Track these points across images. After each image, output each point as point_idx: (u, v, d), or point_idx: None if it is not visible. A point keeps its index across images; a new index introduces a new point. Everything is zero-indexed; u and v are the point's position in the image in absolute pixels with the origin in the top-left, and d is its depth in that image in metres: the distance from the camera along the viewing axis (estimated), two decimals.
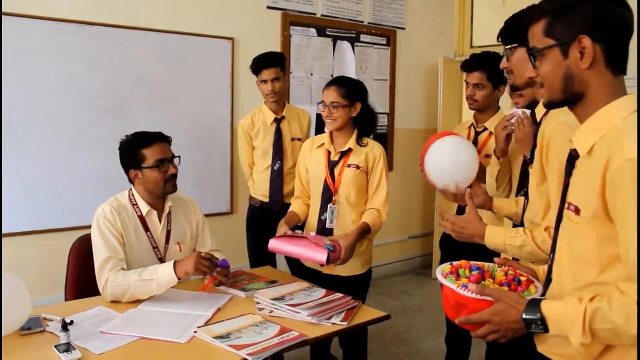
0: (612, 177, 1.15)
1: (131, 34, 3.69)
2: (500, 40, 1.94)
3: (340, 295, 2.26)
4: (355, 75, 4.87)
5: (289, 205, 3.02)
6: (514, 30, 1.84)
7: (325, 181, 2.68)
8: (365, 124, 2.72)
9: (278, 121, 3.44)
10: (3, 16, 3.24)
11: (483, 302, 1.36)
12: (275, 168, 3.39)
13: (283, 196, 3.43)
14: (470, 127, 3.01)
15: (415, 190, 5.52)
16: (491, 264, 1.59)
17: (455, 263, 1.59)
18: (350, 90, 2.63)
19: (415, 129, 5.42)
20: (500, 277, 1.51)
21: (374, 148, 2.70)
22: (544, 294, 1.40)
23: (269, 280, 2.52)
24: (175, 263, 2.22)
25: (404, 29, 5.22)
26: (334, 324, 2.06)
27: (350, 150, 2.67)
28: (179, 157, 2.46)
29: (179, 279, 2.20)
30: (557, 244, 1.33)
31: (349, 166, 2.65)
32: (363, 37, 4.94)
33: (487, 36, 5.22)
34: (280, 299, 2.18)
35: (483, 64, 2.86)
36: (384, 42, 5.10)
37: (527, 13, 1.76)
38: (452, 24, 5.66)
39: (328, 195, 2.67)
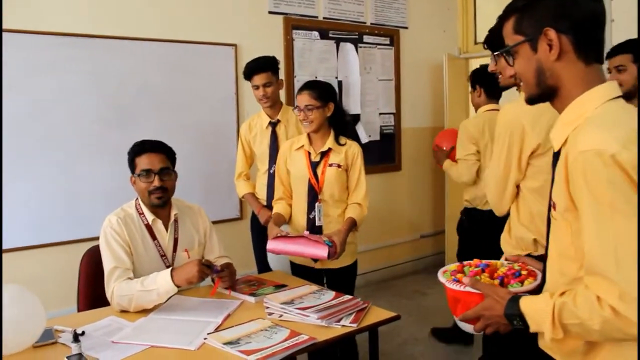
0: (570, 171, 1.16)
1: (132, 45, 3.72)
2: (485, 47, 2.10)
3: (349, 297, 2.27)
4: (359, 76, 4.88)
5: None
6: (498, 38, 1.89)
7: (309, 181, 2.79)
8: (339, 124, 2.85)
9: (273, 124, 3.45)
10: (9, 32, 3.28)
11: (472, 295, 1.39)
12: (272, 171, 3.37)
13: None
14: None
15: (425, 189, 5.51)
16: (502, 261, 1.62)
17: (465, 262, 1.62)
18: (322, 91, 2.76)
19: (422, 127, 5.42)
20: (501, 272, 1.52)
21: (352, 146, 2.83)
22: (540, 290, 1.40)
23: (278, 284, 2.52)
24: (172, 271, 2.22)
25: (406, 27, 5.22)
26: (343, 325, 2.06)
27: (329, 150, 2.80)
28: (173, 171, 2.46)
29: (177, 286, 2.20)
30: (549, 240, 1.33)
31: (330, 165, 2.78)
32: (366, 38, 4.94)
33: None
34: (290, 302, 2.18)
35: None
36: (387, 42, 5.10)
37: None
38: (455, 20, 5.65)
39: (313, 195, 2.78)
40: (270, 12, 4.35)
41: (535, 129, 1.97)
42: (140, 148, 2.43)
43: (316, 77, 4.56)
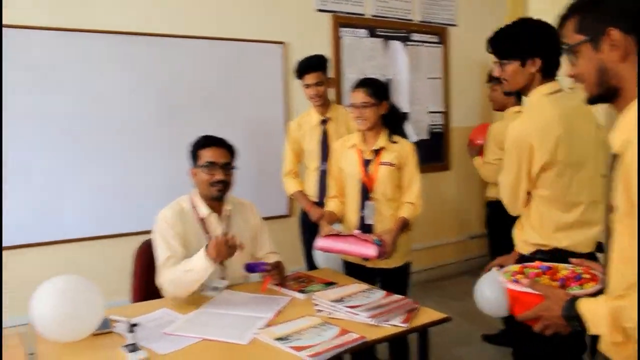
0: (626, 171, 1.14)
1: (184, 43, 3.78)
2: (491, 51, 2.13)
3: (400, 296, 2.25)
4: (407, 74, 4.83)
5: None
6: (503, 46, 2.09)
7: (362, 179, 2.78)
8: (393, 122, 2.83)
9: (323, 122, 3.46)
10: (65, 31, 3.38)
11: (531, 296, 1.42)
12: (322, 169, 3.39)
13: None
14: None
15: (473, 188, 5.41)
16: (564, 264, 1.62)
17: (527, 264, 1.66)
18: (377, 89, 2.75)
19: (471, 126, 5.28)
20: (562, 275, 1.51)
21: (405, 145, 2.80)
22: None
23: (327, 281, 2.53)
24: (205, 249, 2.25)
25: (455, 25, 5.15)
26: (393, 325, 2.04)
27: (382, 148, 2.77)
28: (233, 167, 2.50)
29: (212, 261, 2.23)
30: (610, 243, 1.31)
31: (383, 164, 2.75)
32: (414, 36, 4.90)
33: None
34: (339, 300, 2.18)
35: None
36: (436, 40, 5.04)
37: (511, 27, 2.10)
38: (505, 17, 5.54)
39: (365, 193, 2.78)
40: (318, 10, 4.35)
41: (543, 146, 1.94)
42: (207, 141, 2.49)
43: (365, 75, 4.52)
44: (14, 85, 3.26)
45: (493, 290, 2.35)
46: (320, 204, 3.39)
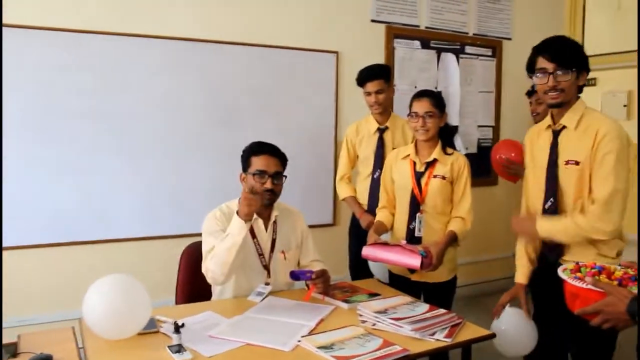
0: None
1: (239, 50, 3.82)
2: (548, 58, 2.13)
3: (444, 310, 2.22)
4: (459, 87, 4.77)
5: None
6: (566, 54, 2.11)
7: (412, 191, 2.75)
8: (447, 134, 2.82)
9: (381, 131, 3.45)
10: (126, 36, 3.47)
11: (592, 292, 1.54)
12: (375, 176, 3.37)
13: None
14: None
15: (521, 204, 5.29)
16: (615, 265, 1.71)
17: (581, 262, 1.76)
18: (440, 100, 2.75)
19: (521, 141, 5.21)
20: (617, 275, 1.62)
21: (458, 158, 2.77)
22: None
23: (371, 292, 2.51)
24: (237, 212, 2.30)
25: (510, 39, 5.06)
26: (437, 340, 2.01)
27: (435, 160, 2.74)
28: (285, 176, 2.51)
29: (243, 220, 2.26)
30: None
31: (435, 176, 2.72)
32: (467, 49, 4.83)
33: (600, 43, 4.93)
34: (383, 312, 2.16)
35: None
36: (489, 53, 4.96)
37: (566, 38, 2.10)
38: (562, 32, 5.41)
39: (415, 205, 2.75)
40: (372, 21, 4.34)
41: (632, 151, 2.04)
42: (259, 148, 2.49)
43: (416, 87, 4.50)
44: (72, 86, 3.36)
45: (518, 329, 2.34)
46: (371, 211, 3.36)
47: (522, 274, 2.42)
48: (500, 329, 2.33)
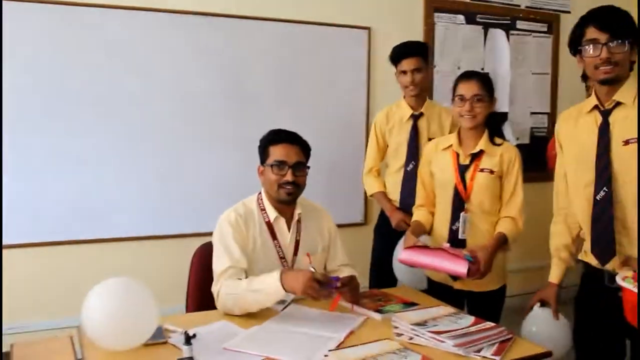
0: None
1: (256, 25, 3.82)
2: (598, 26, 2.07)
3: (492, 324, 2.19)
4: (509, 68, 4.72)
5: None
6: (620, 21, 2.05)
7: (456, 187, 2.72)
8: (496, 122, 2.80)
9: (415, 117, 3.44)
10: (130, 10, 3.49)
11: None
12: (409, 169, 3.39)
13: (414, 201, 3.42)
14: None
15: None
16: None
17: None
18: (489, 83, 2.73)
19: None
20: None
21: (508, 149, 2.74)
22: None
23: (408, 301, 2.49)
24: (282, 273, 2.23)
25: (569, 12, 4.96)
26: (484, 357, 1.97)
27: (481, 152, 2.71)
28: (308, 166, 2.51)
29: (286, 291, 2.21)
30: None
31: (481, 170, 2.70)
32: (519, 24, 4.77)
33: None
34: (422, 324, 2.14)
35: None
36: (544, 29, 4.89)
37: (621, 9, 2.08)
38: (630, 4, 5.30)
39: (459, 203, 2.72)
40: None
41: None
42: (277, 137, 2.50)
43: (459, 68, 4.46)
44: (68, 66, 3.40)
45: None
46: (404, 208, 3.36)
47: (555, 273, 2.47)
48: (530, 330, 2.37)
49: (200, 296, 2.57)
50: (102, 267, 3.45)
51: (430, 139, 3.40)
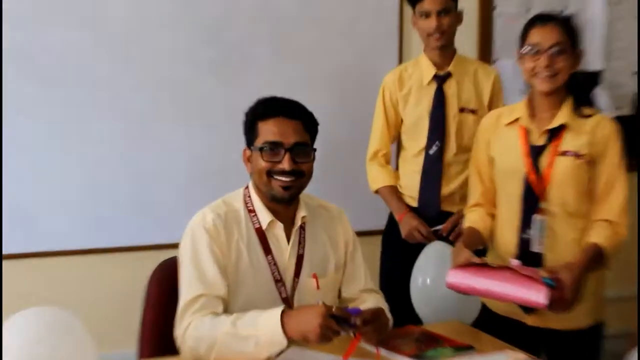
0: None
1: None
2: None
3: None
4: (604, 8, 4.68)
5: (449, 214, 3.35)
6: None
7: (526, 178, 2.70)
8: (578, 87, 2.76)
9: (440, 79, 3.48)
10: None
11: None
12: (431, 152, 3.44)
13: (439, 198, 3.47)
14: None
15: None
16: None
17: None
18: (574, 29, 2.72)
19: None
20: None
21: (602, 122, 2.72)
22: None
23: (460, 344, 2.46)
24: (283, 313, 2.18)
25: None
26: None
27: (563, 127, 2.68)
28: (314, 149, 2.48)
29: (288, 338, 2.16)
30: None
31: (564, 153, 2.67)
32: None
33: None
34: None
35: None
36: None
37: None
38: None
39: (532, 201, 2.71)
40: None
41: None
42: (268, 109, 2.46)
43: (529, 10, 4.41)
44: None
45: None
46: (420, 211, 3.39)
47: None
48: None
49: (160, 336, 2.53)
50: (18, 290, 3.38)
51: (462, 110, 3.46)
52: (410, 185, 3.51)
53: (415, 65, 3.56)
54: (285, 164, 2.37)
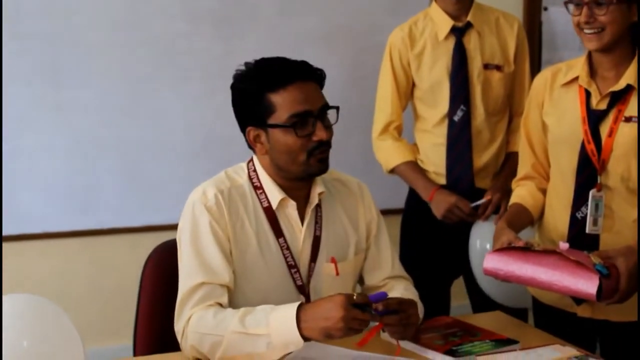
0: None
1: None
2: None
3: None
4: None
5: (482, 191, 3.32)
6: None
7: (583, 148, 2.65)
8: None
9: (459, 32, 3.43)
10: None
11: None
12: (456, 118, 3.41)
13: (472, 172, 3.46)
14: None
15: None
16: None
17: None
18: None
19: None
20: None
21: None
22: None
23: (501, 337, 2.45)
24: (300, 307, 2.14)
25: None
26: None
27: (630, 89, 2.59)
28: (337, 107, 2.41)
29: (304, 339, 2.12)
30: None
31: (628, 120, 2.60)
32: None
33: None
34: None
35: None
36: None
37: None
38: None
39: (588, 175, 2.65)
40: None
41: None
42: (279, 76, 2.35)
43: None
44: None
45: None
46: (449, 183, 3.40)
47: None
48: None
49: (156, 328, 2.55)
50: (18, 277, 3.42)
51: (486, 66, 3.42)
52: (434, 161, 3.46)
53: (427, 18, 3.50)
54: (323, 134, 2.32)
